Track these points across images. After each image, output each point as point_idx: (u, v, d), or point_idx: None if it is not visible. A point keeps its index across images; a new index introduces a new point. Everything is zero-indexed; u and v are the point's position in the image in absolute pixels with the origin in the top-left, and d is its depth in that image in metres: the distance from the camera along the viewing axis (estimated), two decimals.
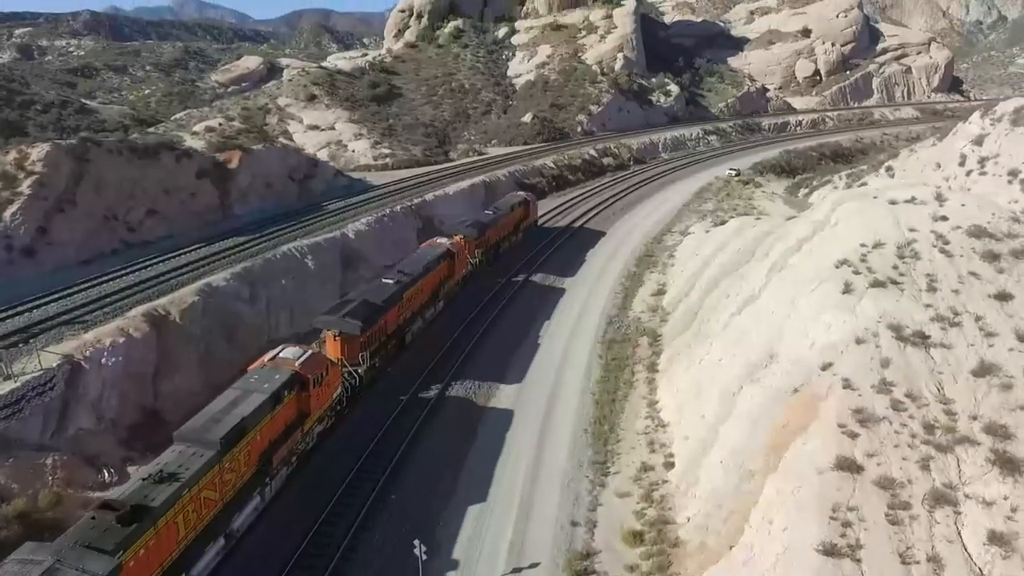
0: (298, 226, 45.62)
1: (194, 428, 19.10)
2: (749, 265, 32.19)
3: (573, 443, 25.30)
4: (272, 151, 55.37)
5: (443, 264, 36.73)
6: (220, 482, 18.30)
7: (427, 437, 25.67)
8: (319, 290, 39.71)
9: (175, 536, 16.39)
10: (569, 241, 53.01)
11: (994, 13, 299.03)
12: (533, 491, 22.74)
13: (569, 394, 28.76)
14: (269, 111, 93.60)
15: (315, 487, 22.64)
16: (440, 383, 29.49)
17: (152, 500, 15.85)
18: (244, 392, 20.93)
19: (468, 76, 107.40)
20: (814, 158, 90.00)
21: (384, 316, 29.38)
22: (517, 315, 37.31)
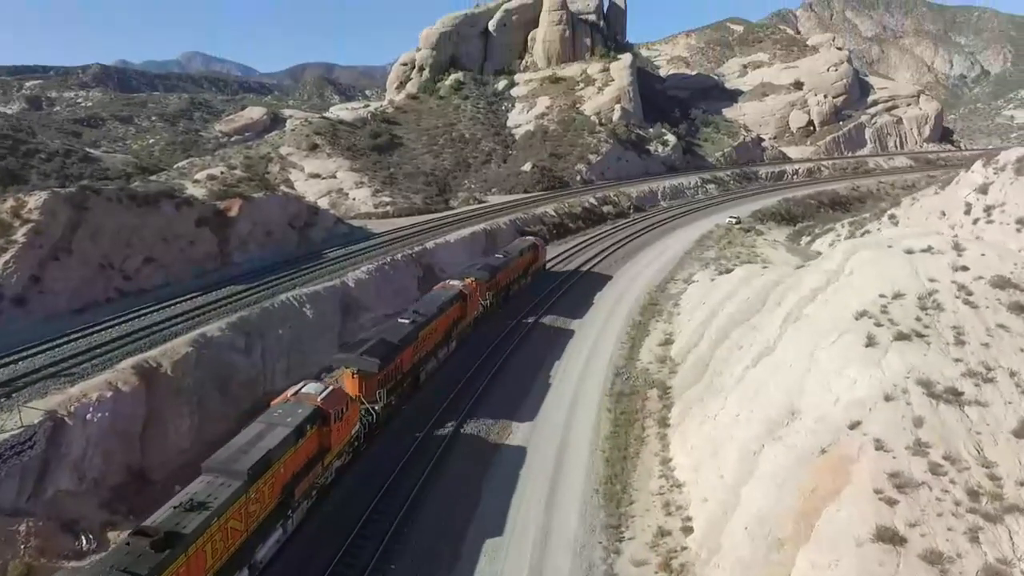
0: (297, 274, 44.69)
1: (222, 459, 19.52)
2: (760, 315, 31.15)
3: (584, 505, 23.73)
4: (272, 199, 54.92)
5: (456, 305, 37.23)
6: (246, 513, 18.72)
7: (442, 474, 25.87)
8: (317, 340, 38.50)
9: (203, 565, 16.76)
10: (574, 287, 52.11)
11: (977, 68, 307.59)
12: (543, 559, 21.10)
13: (578, 451, 27.29)
14: (271, 160, 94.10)
15: (334, 522, 22.80)
16: (454, 421, 29.75)
17: (183, 528, 16.28)
18: (268, 425, 21.34)
19: (468, 126, 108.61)
20: (813, 206, 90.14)
21: (400, 355, 29.85)
22: (527, 357, 37.58)
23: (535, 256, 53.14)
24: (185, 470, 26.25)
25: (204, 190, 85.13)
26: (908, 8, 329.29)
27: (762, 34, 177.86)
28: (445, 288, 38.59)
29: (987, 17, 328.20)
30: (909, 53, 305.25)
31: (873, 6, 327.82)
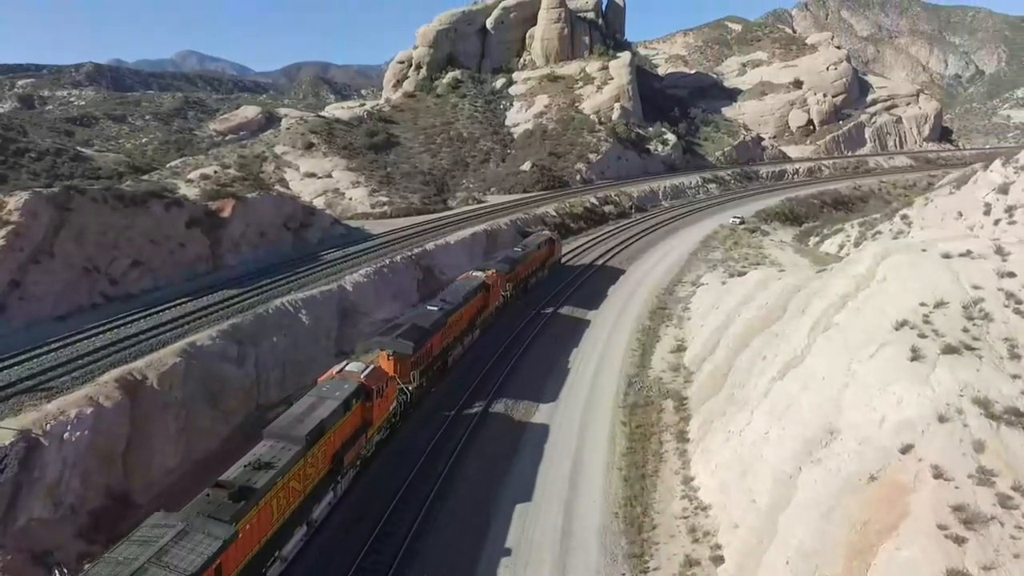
0: (292, 278, 42.70)
1: (281, 426, 21.25)
2: (783, 322, 29.36)
3: (603, 531, 21.87)
4: (267, 199, 52.87)
5: (479, 295, 38.41)
6: (304, 474, 20.38)
7: (473, 451, 27.19)
8: (313, 347, 36.53)
9: (271, 517, 18.48)
10: (577, 292, 50.25)
11: (972, 68, 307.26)
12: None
13: (593, 469, 25.42)
14: (266, 159, 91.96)
15: (377, 489, 24.49)
16: (482, 401, 31.23)
17: (254, 483, 17.98)
18: (319, 399, 23.06)
19: (466, 125, 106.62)
20: (816, 206, 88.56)
21: (431, 339, 31.14)
22: (547, 348, 38.72)
23: (551, 250, 54.38)
24: (172, 492, 24.37)
25: (197, 190, 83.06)
26: (903, 8, 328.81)
27: (760, 33, 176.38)
28: (468, 279, 39.78)
29: (981, 17, 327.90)
30: (904, 53, 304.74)
31: (868, 6, 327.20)
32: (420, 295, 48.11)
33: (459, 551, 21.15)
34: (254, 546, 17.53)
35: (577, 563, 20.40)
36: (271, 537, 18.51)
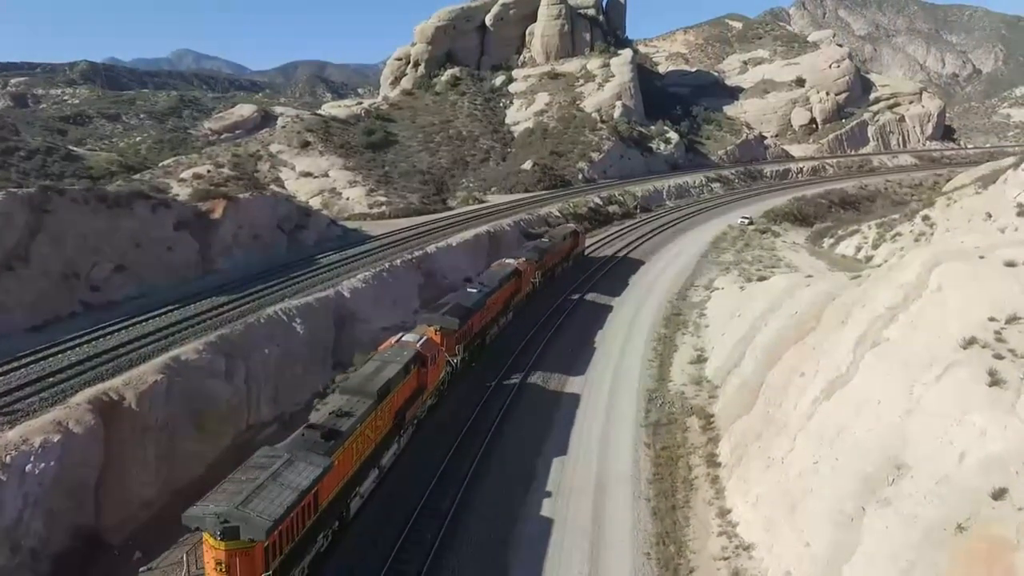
0: (287, 283, 40.00)
1: (354, 384, 23.90)
2: (819, 334, 26.81)
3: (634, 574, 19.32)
4: (260, 199, 50.14)
5: (513, 280, 40.72)
6: (375, 425, 22.85)
7: (515, 414, 29.76)
8: (308, 359, 33.84)
9: (352, 458, 20.98)
10: (587, 297, 47.70)
11: (969, 67, 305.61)
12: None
13: (618, 500, 22.86)
14: (260, 158, 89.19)
15: (432, 445, 26.90)
16: (520, 373, 33.84)
17: (340, 427, 20.52)
18: (383, 363, 25.44)
19: (466, 123, 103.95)
20: (824, 206, 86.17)
21: (472, 317, 33.42)
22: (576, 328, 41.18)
23: (576, 242, 56.16)
24: (150, 528, 21.74)
25: (190, 189, 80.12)
26: (900, 7, 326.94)
27: (762, 30, 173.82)
28: (503, 266, 42.34)
29: (978, 16, 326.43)
30: (902, 52, 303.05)
31: (865, 4, 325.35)
32: (421, 301, 45.46)
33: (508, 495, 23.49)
34: (341, 479, 20.32)
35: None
36: (352, 476, 21.24)
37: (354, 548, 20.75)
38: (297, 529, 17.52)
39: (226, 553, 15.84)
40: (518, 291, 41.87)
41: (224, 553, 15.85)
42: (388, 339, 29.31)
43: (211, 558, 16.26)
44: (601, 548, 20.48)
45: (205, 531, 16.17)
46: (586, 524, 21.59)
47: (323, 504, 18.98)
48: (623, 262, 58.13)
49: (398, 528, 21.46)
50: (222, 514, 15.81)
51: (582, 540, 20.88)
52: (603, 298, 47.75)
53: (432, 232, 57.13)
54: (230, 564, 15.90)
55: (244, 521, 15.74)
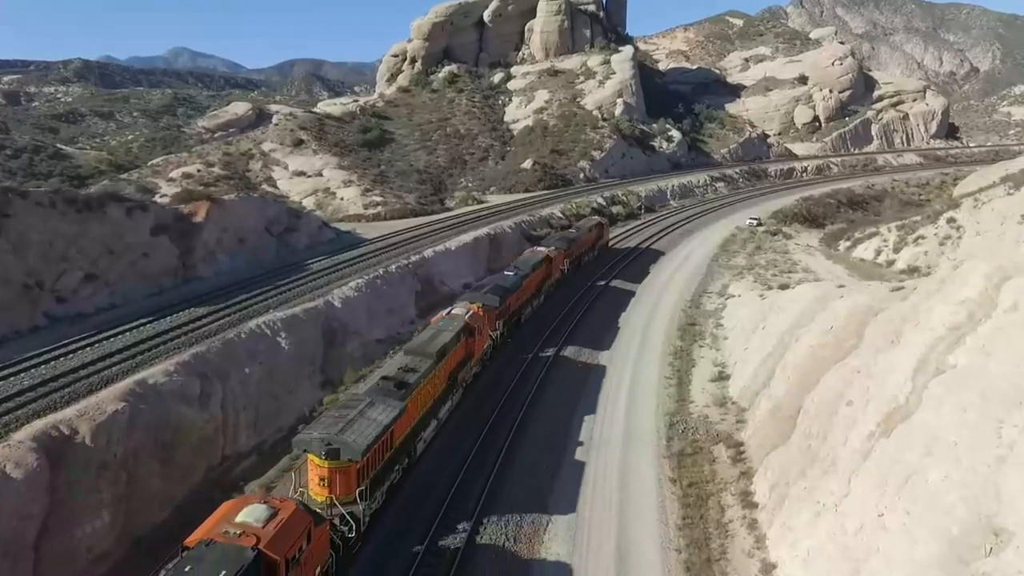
0: (273, 292, 36.78)
1: (415, 345, 26.29)
2: (863, 355, 23.69)
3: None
4: (247, 201, 46.91)
5: (544, 266, 43.04)
6: (434, 382, 25.06)
7: (551, 381, 32.15)
8: (293, 378, 30.63)
9: (417, 408, 23.47)
10: (594, 307, 44.55)
11: (966, 65, 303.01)
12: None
13: (645, 554, 19.70)
14: (252, 157, 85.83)
15: (480, 404, 29.52)
16: (554, 347, 36.20)
17: (408, 380, 23.26)
18: (438, 331, 27.70)
19: (464, 121, 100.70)
20: (832, 206, 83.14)
21: (510, 297, 36.01)
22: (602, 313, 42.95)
23: (600, 234, 57.90)
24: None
25: (178, 188, 76.71)
26: (897, 5, 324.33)
27: (763, 27, 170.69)
28: (534, 253, 44.65)
29: (976, 14, 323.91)
30: (899, 50, 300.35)
31: (863, 3, 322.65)
32: (418, 310, 42.32)
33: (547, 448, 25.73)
34: (410, 423, 22.69)
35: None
36: (417, 422, 23.55)
37: (424, 477, 23.91)
38: (379, 458, 20.19)
39: (328, 470, 18.69)
40: (549, 276, 44.38)
41: (327, 470, 18.70)
42: (440, 312, 32.16)
43: (315, 475, 19.00)
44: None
45: (311, 453, 19.01)
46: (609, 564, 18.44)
47: (397, 442, 21.62)
48: (630, 266, 54.96)
49: (460, 462, 24.60)
50: (326, 439, 18.69)
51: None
52: (609, 306, 44.62)
53: (429, 235, 53.96)
54: (331, 479, 18.75)
55: (343, 445, 18.57)
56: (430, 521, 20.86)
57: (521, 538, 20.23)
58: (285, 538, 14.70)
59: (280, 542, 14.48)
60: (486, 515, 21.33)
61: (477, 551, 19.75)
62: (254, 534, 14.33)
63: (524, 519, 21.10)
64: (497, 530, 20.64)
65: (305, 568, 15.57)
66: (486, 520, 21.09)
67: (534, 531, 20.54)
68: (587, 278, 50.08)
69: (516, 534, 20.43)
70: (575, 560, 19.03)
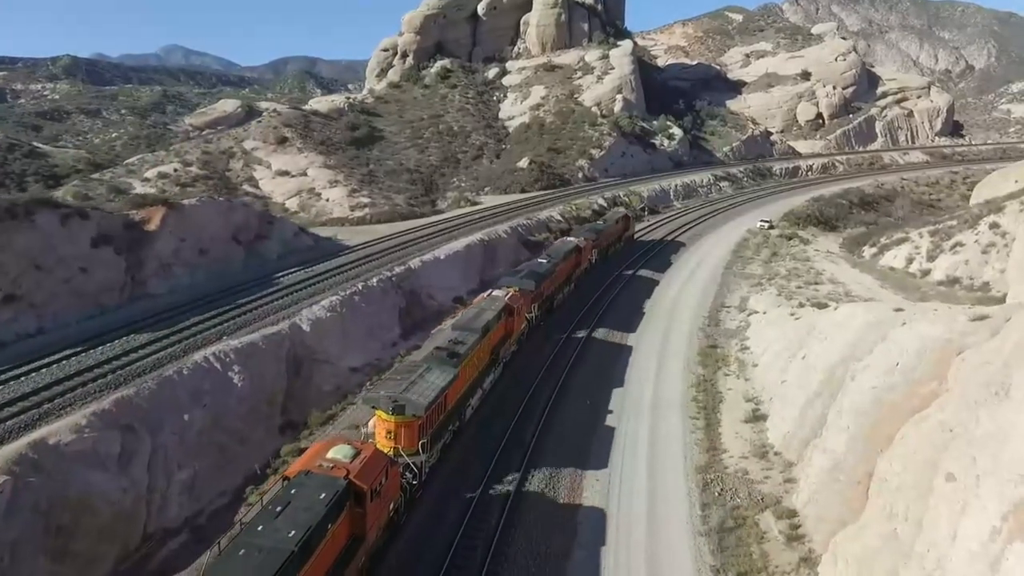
0: (232, 313, 31.29)
1: (463, 322, 27.92)
2: (957, 408, 18.38)
3: None
4: (210, 205, 41.30)
5: (574, 255, 43.83)
6: (479, 355, 27.05)
7: (584, 359, 33.63)
8: (246, 423, 25.15)
9: (466, 377, 25.22)
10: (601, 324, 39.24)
11: (962, 63, 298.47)
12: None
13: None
14: (233, 155, 79.97)
15: (519, 379, 30.91)
16: (586, 329, 37.42)
17: (459, 351, 24.94)
18: (481, 310, 29.50)
19: (457, 118, 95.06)
20: (844, 207, 77.92)
21: (544, 282, 36.73)
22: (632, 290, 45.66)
23: (626, 226, 58.81)
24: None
25: (153, 189, 70.54)
26: (893, 3, 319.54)
27: (763, 23, 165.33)
28: (565, 243, 45.60)
29: (971, 12, 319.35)
30: (895, 48, 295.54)
31: (858, 0, 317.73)
32: (403, 329, 36.91)
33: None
34: (461, 389, 24.73)
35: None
36: (466, 389, 25.46)
37: (473, 439, 25.65)
38: (437, 417, 21.74)
39: (395, 424, 20.30)
40: (579, 265, 45.17)
41: (394, 424, 20.30)
42: (479, 296, 33.46)
43: (383, 429, 20.64)
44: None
45: (378, 409, 20.67)
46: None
47: (450, 405, 23.24)
48: (637, 276, 49.61)
49: (505, 425, 26.46)
50: (393, 396, 20.34)
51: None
52: (620, 322, 39.31)
53: (417, 241, 48.49)
54: (397, 433, 20.35)
55: (407, 402, 20.19)
56: (482, 473, 22.98)
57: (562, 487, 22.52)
58: (369, 472, 16.87)
59: (366, 474, 16.67)
60: (531, 468, 23.47)
61: (525, 497, 21.93)
62: (344, 467, 16.56)
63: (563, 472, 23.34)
64: (541, 479, 22.93)
65: (383, 500, 17.85)
66: (532, 472, 23.27)
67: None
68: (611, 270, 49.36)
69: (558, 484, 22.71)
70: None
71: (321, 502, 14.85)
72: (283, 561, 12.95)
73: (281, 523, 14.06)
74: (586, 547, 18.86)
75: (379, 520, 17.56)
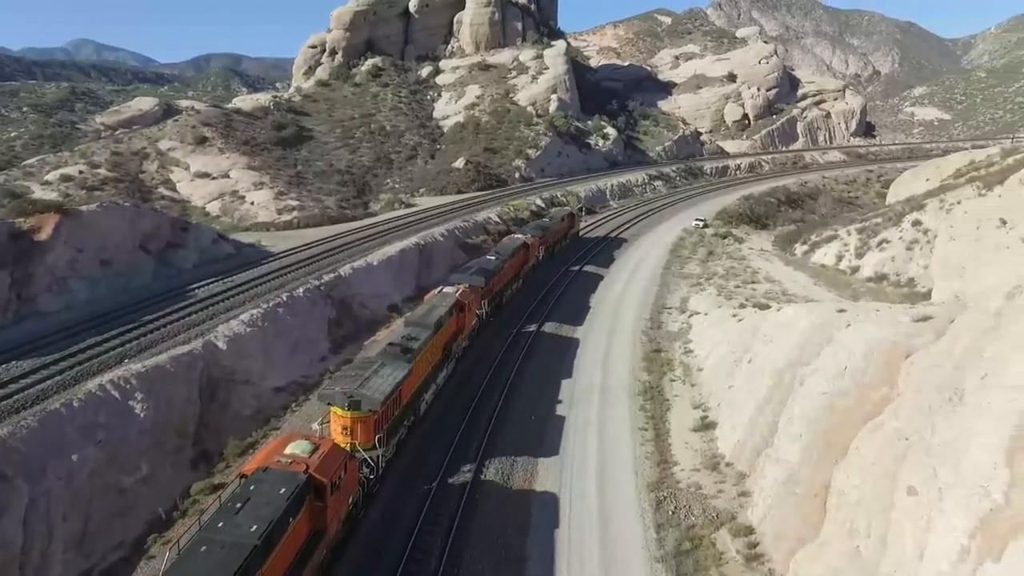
0: (137, 332, 27.92)
1: (415, 318, 27.89)
2: (911, 414, 17.74)
3: None
4: (114, 211, 37.25)
5: (522, 251, 43.96)
6: (432, 350, 26.75)
7: (535, 352, 34.05)
8: (149, 460, 22.09)
9: (420, 372, 25.14)
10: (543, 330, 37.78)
11: (869, 68, 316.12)
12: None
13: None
14: (147, 156, 74.17)
15: (471, 376, 30.86)
16: (536, 323, 37.72)
17: (412, 346, 24.89)
18: (432, 307, 29.22)
19: (389, 117, 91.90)
20: (773, 205, 79.76)
21: (494, 278, 36.82)
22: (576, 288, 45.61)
23: (571, 223, 59.36)
24: None
25: (55, 193, 64.37)
26: (807, 10, 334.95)
27: (690, 25, 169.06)
28: (512, 240, 45.73)
29: (876, 21, 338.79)
30: (810, 53, 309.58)
31: (776, 7, 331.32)
32: (332, 342, 34.21)
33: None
34: (415, 384, 24.61)
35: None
36: (420, 385, 25.42)
37: (429, 433, 25.64)
38: (392, 412, 22.06)
39: (351, 420, 20.63)
40: (526, 262, 45.52)
41: (350, 420, 20.64)
42: (430, 292, 33.20)
43: (339, 425, 20.95)
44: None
45: (334, 405, 20.94)
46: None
47: (405, 400, 23.21)
48: (577, 277, 48.50)
49: (460, 417, 26.62)
50: (348, 392, 20.66)
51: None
52: (554, 340, 37.96)
53: (348, 246, 45.70)
54: (353, 428, 20.68)
55: (363, 397, 20.49)
56: (439, 464, 23.31)
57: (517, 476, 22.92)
58: (329, 466, 16.77)
59: (325, 468, 16.57)
60: (487, 458, 23.87)
61: (482, 486, 22.32)
62: (303, 462, 16.39)
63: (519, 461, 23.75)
64: (497, 469, 23.34)
65: (343, 494, 17.87)
66: (487, 462, 23.68)
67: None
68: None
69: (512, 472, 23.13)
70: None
71: (282, 496, 14.83)
72: (246, 555, 12.90)
73: (242, 519, 13.97)
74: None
75: (339, 514, 17.69)
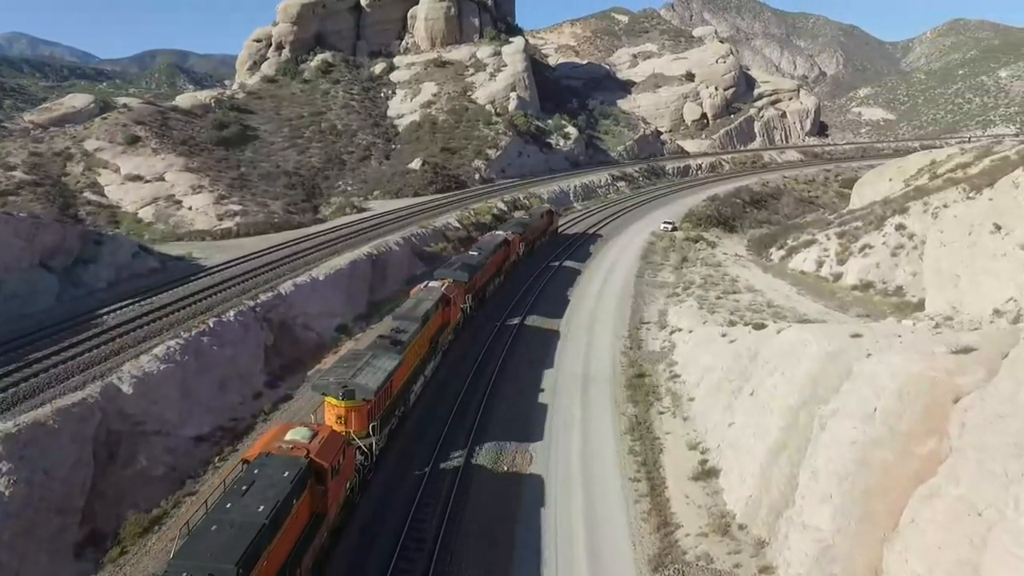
0: (9, 380, 22.43)
1: (403, 312, 28.11)
2: (975, 478, 14.23)
3: None
4: (7, 223, 31.31)
5: (504, 248, 43.99)
6: (420, 343, 27.11)
7: (520, 343, 34.53)
8: (14, 552, 16.90)
9: (410, 362, 25.49)
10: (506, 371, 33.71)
11: (816, 69, 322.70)
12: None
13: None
14: (71, 157, 66.87)
15: (458, 367, 31.33)
16: (519, 317, 38.33)
17: (402, 338, 25.32)
18: (419, 300, 29.56)
19: (341, 116, 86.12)
20: (739, 205, 77.40)
21: (477, 274, 37.18)
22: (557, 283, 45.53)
23: (551, 221, 59.65)
24: None
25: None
26: (756, 12, 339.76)
27: (648, 24, 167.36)
28: (494, 236, 45.45)
29: (820, 24, 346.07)
30: (760, 54, 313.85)
31: (727, 9, 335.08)
32: (270, 374, 29.22)
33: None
34: (405, 375, 25.00)
35: None
36: (409, 376, 25.72)
37: (419, 422, 26.16)
38: (384, 402, 22.30)
39: (345, 409, 20.77)
40: (508, 258, 45.52)
41: (344, 409, 20.78)
42: (415, 287, 33.30)
43: (332, 414, 21.02)
44: None
45: (328, 395, 21.03)
46: None
47: (396, 391, 23.78)
48: (549, 287, 44.43)
49: (449, 407, 27.12)
50: (342, 382, 20.88)
51: None
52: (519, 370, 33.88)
53: (292, 258, 40.54)
54: (347, 417, 20.83)
55: (357, 387, 20.79)
56: (430, 451, 23.60)
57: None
58: (328, 451, 17.31)
59: (325, 453, 17.09)
60: (477, 444, 24.13)
61: (473, 470, 22.62)
62: (304, 447, 16.91)
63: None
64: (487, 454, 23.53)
65: (342, 478, 18.37)
66: (477, 448, 23.91)
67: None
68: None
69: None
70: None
71: (285, 479, 15.18)
72: (256, 533, 13.34)
73: (249, 500, 14.35)
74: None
75: (338, 497, 18.11)
